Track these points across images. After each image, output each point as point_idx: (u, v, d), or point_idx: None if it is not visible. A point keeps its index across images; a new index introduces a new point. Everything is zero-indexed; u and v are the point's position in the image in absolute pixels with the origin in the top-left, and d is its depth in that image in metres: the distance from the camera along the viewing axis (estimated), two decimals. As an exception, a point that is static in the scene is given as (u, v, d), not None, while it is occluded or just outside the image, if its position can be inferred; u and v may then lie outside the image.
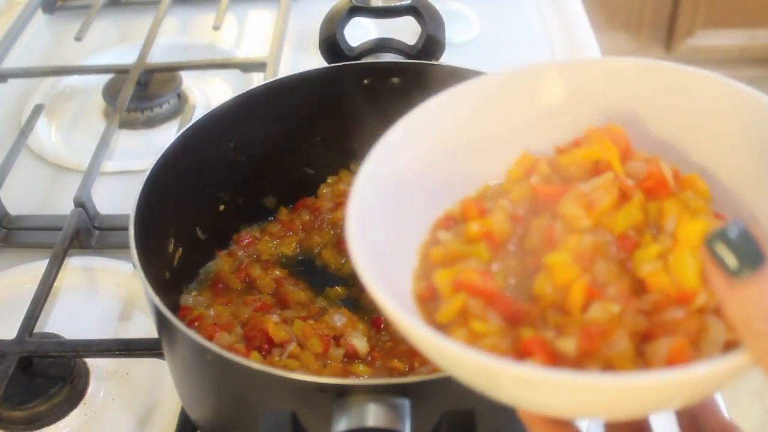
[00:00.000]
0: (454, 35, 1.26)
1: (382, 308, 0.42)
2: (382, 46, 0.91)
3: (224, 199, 0.87)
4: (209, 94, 1.24)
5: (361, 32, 1.21)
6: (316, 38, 0.90)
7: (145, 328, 0.87)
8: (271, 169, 0.88)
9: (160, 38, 1.26)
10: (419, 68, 0.85)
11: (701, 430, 0.48)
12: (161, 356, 0.74)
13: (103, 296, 0.92)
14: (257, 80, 1.21)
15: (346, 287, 0.84)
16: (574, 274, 0.43)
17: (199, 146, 0.80)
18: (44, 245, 0.95)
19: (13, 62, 1.29)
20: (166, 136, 1.13)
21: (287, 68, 1.23)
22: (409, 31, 0.94)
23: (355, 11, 0.89)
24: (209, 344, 0.59)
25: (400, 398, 0.54)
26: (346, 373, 0.71)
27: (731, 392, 1.84)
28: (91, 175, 0.98)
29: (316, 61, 0.90)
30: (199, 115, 0.81)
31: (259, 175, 0.88)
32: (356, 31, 0.96)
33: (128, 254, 0.66)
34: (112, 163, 1.09)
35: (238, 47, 1.34)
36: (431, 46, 0.88)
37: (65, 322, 0.87)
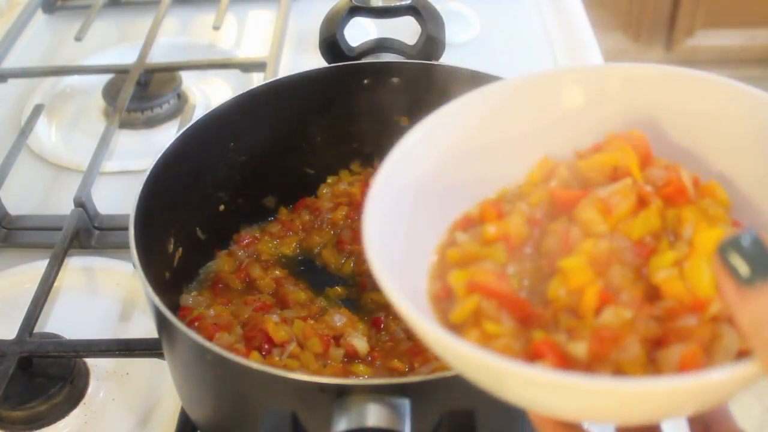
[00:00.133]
0: (454, 35, 1.26)
1: (396, 307, 0.42)
2: (382, 46, 0.91)
3: (224, 199, 0.87)
4: (209, 94, 1.24)
5: (361, 32, 1.21)
6: (316, 38, 0.90)
7: (145, 328, 0.87)
8: (271, 169, 0.88)
9: (160, 38, 1.26)
10: (419, 68, 0.85)
11: None
12: (161, 356, 0.74)
13: (103, 296, 0.92)
14: (257, 80, 1.21)
15: (346, 287, 0.84)
16: (588, 278, 0.44)
17: (199, 146, 0.80)
18: (44, 245, 0.95)
19: (13, 62, 1.29)
20: (166, 136, 1.13)
21: (287, 68, 1.23)
22: (409, 31, 0.94)
23: (355, 11, 0.89)
24: (209, 344, 0.59)
25: (400, 398, 0.54)
26: (346, 373, 0.71)
27: (731, 392, 1.84)
28: (91, 175, 0.98)
29: (316, 61, 0.90)
30: (199, 115, 0.81)
31: (259, 175, 0.88)
32: (356, 31, 0.96)
33: (128, 254, 0.66)
34: (112, 163, 1.09)
35: (238, 47, 1.34)
36: (431, 46, 0.88)
37: (65, 322, 0.87)
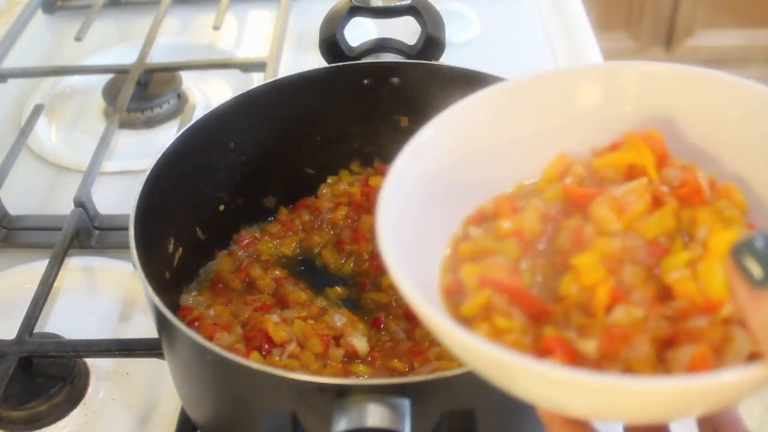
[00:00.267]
0: (454, 35, 1.26)
1: (407, 300, 0.42)
2: (382, 46, 0.91)
3: (224, 199, 0.87)
4: (209, 94, 1.24)
5: (361, 32, 1.21)
6: (316, 38, 0.90)
7: (145, 328, 0.87)
8: (271, 169, 0.88)
9: (160, 38, 1.26)
10: (419, 68, 0.85)
11: None
12: (161, 356, 0.74)
13: (103, 296, 0.92)
14: (257, 80, 1.21)
15: (346, 287, 0.84)
16: (600, 276, 0.44)
17: (199, 146, 0.80)
18: (44, 245, 0.95)
19: (13, 62, 1.29)
20: (166, 136, 1.13)
21: (287, 68, 1.23)
22: (409, 31, 0.94)
23: (355, 11, 0.89)
24: (209, 344, 0.59)
25: (400, 398, 0.54)
26: (346, 373, 0.71)
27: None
28: (91, 175, 0.98)
29: (316, 61, 0.90)
30: (199, 115, 0.81)
31: (259, 175, 0.88)
32: (356, 31, 0.96)
33: (128, 254, 0.66)
34: (112, 163, 1.09)
35: (238, 47, 1.34)
36: (431, 46, 0.88)
37: (65, 322, 0.87)
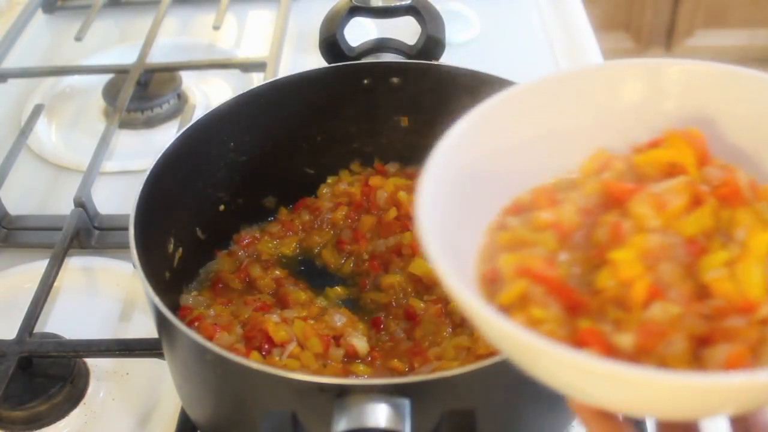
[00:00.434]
0: (454, 35, 1.26)
1: (446, 287, 0.43)
2: (382, 46, 0.91)
3: (224, 199, 0.87)
4: (209, 94, 1.24)
5: (361, 32, 1.21)
6: (316, 38, 0.90)
7: (145, 328, 0.87)
8: (271, 169, 0.88)
9: (160, 38, 1.26)
10: (419, 68, 0.85)
11: None
12: (161, 356, 0.74)
13: (103, 296, 0.92)
14: (257, 80, 1.21)
15: (346, 287, 0.84)
16: (637, 271, 0.44)
17: (199, 146, 0.80)
18: (44, 245, 0.95)
19: (13, 62, 1.29)
20: (166, 136, 1.13)
21: (287, 68, 1.23)
22: (409, 31, 0.94)
23: (355, 11, 0.89)
24: (209, 344, 0.59)
25: (400, 398, 0.54)
26: (346, 373, 0.71)
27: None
28: (91, 175, 0.98)
29: (316, 61, 0.90)
30: (199, 115, 0.81)
31: (259, 175, 0.88)
32: (356, 31, 0.96)
33: (128, 254, 0.66)
34: (112, 163, 1.09)
35: (238, 47, 1.34)
36: (431, 46, 0.88)
37: (65, 322, 0.87)
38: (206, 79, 1.27)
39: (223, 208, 0.87)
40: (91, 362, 0.83)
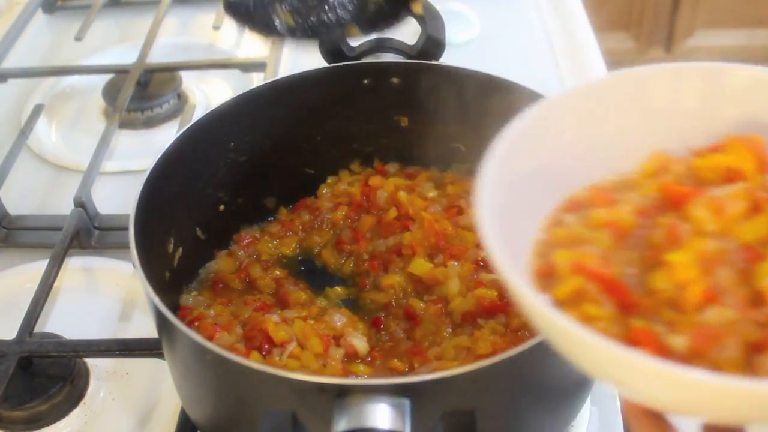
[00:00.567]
0: (454, 35, 1.26)
1: (505, 280, 0.44)
2: (382, 46, 0.91)
3: (224, 199, 0.87)
4: (209, 94, 1.24)
5: (361, 32, 1.21)
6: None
7: (145, 328, 0.87)
8: (271, 169, 0.88)
9: (160, 38, 1.26)
10: (419, 68, 0.86)
11: None
12: (161, 356, 0.74)
13: (103, 296, 0.92)
14: (257, 80, 1.21)
15: (346, 287, 0.84)
16: (693, 274, 0.44)
17: (199, 146, 0.80)
18: (44, 245, 0.95)
19: (13, 62, 1.29)
20: (166, 136, 1.13)
21: (287, 68, 1.23)
22: (409, 31, 0.94)
23: (355, 11, 0.89)
24: (209, 344, 0.59)
25: (400, 398, 0.54)
26: (346, 373, 0.71)
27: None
28: (91, 175, 0.98)
29: (316, 61, 0.90)
30: (199, 115, 0.81)
31: (259, 175, 0.88)
32: (356, 31, 0.96)
33: (128, 254, 0.66)
34: (112, 163, 1.09)
35: (238, 47, 1.34)
36: (431, 46, 0.88)
37: (65, 322, 0.87)
38: (206, 79, 1.27)
39: (223, 208, 0.87)
40: (91, 362, 0.83)
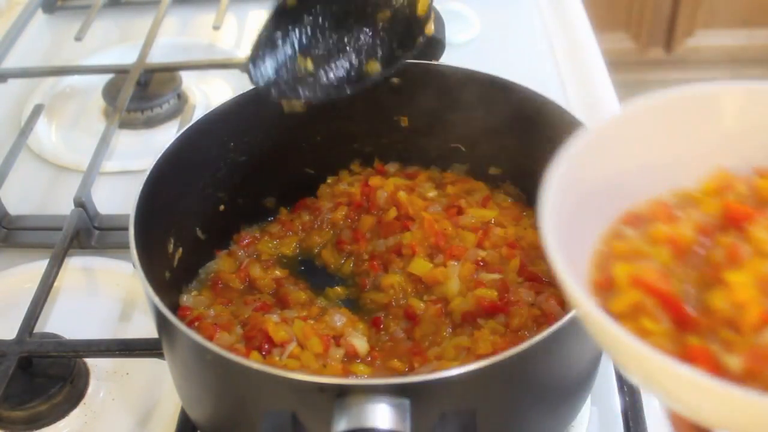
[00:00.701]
0: (454, 35, 1.26)
1: (565, 291, 0.44)
2: (382, 46, 0.91)
3: (224, 199, 0.87)
4: (209, 94, 1.24)
5: (361, 32, 1.21)
6: (316, 38, 0.90)
7: (145, 328, 0.87)
8: (271, 169, 0.88)
9: (160, 38, 1.26)
10: (419, 68, 0.85)
11: None
12: (161, 356, 0.74)
13: (103, 296, 0.92)
14: (257, 80, 1.21)
15: (346, 287, 0.84)
16: (752, 295, 0.44)
17: (199, 146, 0.80)
18: (44, 245, 0.95)
19: (13, 62, 1.29)
20: (166, 136, 1.13)
21: (287, 68, 1.23)
22: (409, 31, 0.93)
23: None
24: (209, 344, 0.59)
25: (400, 398, 0.54)
26: (346, 373, 0.71)
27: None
28: (91, 175, 0.98)
29: (316, 61, 0.90)
30: (199, 115, 0.81)
31: (259, 175, 0.88)
32: (356, 31, 0.96)
33: (128, 254, 0.66)
34: (112, 163, 1.09)
35: (238, 47, 1.34)
36: (431, 46, 0.88)
37: (65, 322, 0.87)
38: (206, 79, 1.27)
39: (223, 208, 0.87)
40: (91, 362, 0.83)
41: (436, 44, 0.88)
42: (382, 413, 0.53)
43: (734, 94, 0.54)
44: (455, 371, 0.56)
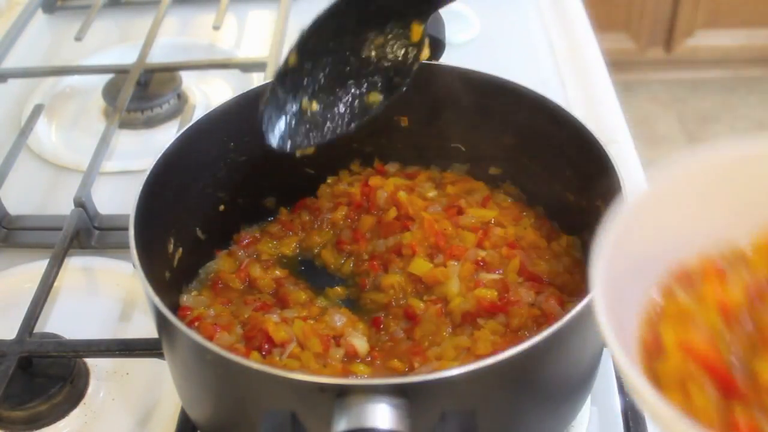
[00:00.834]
0: (454, 35, 1.25)
1: (616, 361, 0.44)
2: (382, 46, 0.91)
3: (224, 199, 0.87)
4: (209, 94, 1.24)
5: (361, 32, 1.21)
6: (316, 38, 0.89)
7: (145, 328, 0.87)
8: (271, 169, 0.88)
9: (160, 38, 1.26)
10: (419, 68, 0.85)
11: None
12: (161, 356, 0.74)
13: (103, 296, 0.92)
14: (257, 80, 1.21)
15: (346, 287, 0.84)
16: None
17: (199, 146, 0.80)
18: (44, 245, 0.95)
19: (13, 62, 1.29)
20: (166, 136, 1.13)
21: (287, 68, 1.22)
22: (409, 31, 0.93)
23: (355, 11, 0.88)
24: (209, 344, 0.59)
25: (400, 398, 0.54)
26: (346, 373, 0.71)
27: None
28: (91, 175, 0.98)
29: (316, 61, 0.90)
30: (199, 115, 0.81)
31: (259, 175, 0.88)
32: (356, 31, 0.96)
33: (128, 254, 0.66)
34: (112, 163, 1.09)
35: (238, 47, 1.34)
36: (431, 46, 0.88)
37: (65, 322, 0.87)
38: (206, 79, 1.27)
39: (223, 208, 0.87)
40: (91, 362, 0.83)
41: (436, 44, 0.88)
42: (382, 413, 0.53)
43: None
44: (455, 371, 0.56)
